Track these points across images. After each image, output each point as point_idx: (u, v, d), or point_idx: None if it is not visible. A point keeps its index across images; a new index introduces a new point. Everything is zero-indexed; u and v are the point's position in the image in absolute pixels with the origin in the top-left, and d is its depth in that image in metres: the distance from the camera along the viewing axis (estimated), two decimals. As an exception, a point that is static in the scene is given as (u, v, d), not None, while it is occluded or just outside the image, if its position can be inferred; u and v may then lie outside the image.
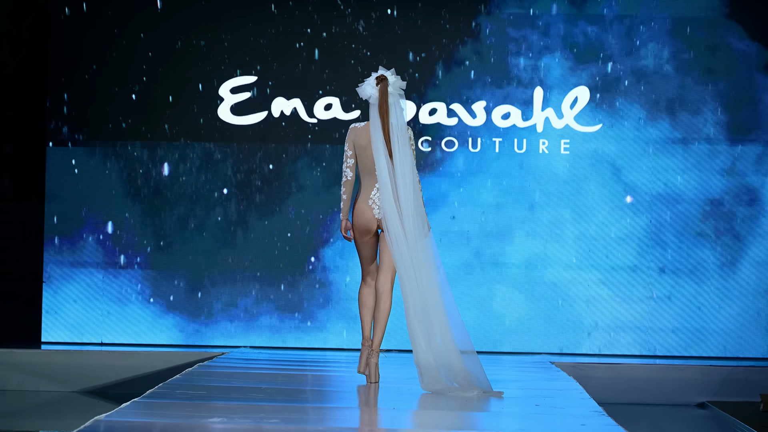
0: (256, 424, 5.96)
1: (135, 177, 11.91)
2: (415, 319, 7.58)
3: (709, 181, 11.82)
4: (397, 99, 7.80)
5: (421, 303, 7.60)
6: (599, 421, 6.39)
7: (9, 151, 12.37)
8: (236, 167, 11.92)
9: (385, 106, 7.77)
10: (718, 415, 9.71)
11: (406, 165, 7.72)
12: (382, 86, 7.83)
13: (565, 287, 11.81)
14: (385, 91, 7.81)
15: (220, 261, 11.87)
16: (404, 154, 7.73)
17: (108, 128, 11.91)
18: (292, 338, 11.85)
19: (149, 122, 11.93)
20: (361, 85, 7.90)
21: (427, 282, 7.64)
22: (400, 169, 7.71)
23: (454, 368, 7.55)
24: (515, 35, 11.88)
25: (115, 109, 11.92)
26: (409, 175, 7.71)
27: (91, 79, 11.93)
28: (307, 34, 11.92)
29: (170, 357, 10.78)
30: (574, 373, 9.63)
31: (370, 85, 7.85)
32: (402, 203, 7.68)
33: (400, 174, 7.71)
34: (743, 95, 11.81)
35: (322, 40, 11.91)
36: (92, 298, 11.85)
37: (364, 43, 11.90)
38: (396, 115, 7.76)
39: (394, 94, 7.82)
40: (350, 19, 11.91)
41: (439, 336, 7.56)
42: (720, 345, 11.74)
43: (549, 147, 11.87)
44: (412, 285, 7.62)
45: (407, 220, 7.67)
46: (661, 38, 11.84)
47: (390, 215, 7.68)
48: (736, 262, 11.77)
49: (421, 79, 11.88)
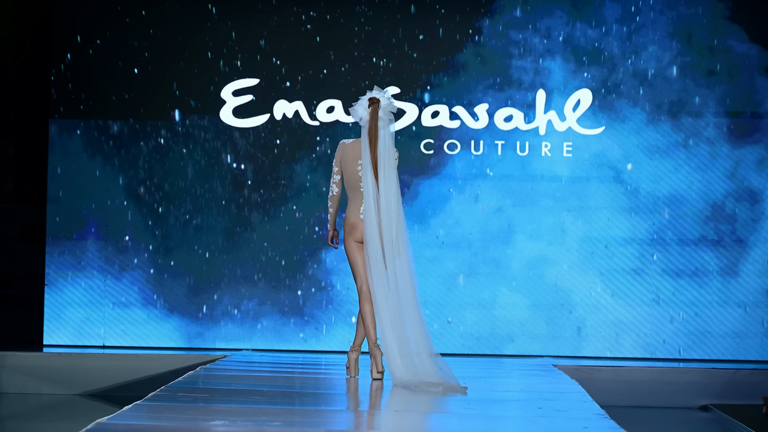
0: (257, 427, 5.96)
1: (137, 180, 11.91)
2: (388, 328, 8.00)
3: (711, 184, 11.82)
4: (386, 123, 8.13)
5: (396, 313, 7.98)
6: (602, 424, 6.38)
7: (11, 154, 12.37)
8: (238, 170, 11.91)
9: (375, 130, 8.12)
10: (721, 418, 9.70)
11: (391, 188, 8.09)
12: (373, 109, 8.15)
13: (567, 290, 11.80)
14: (376, 114, 8.14)
15: (222, 264, 11.86)
16: (389, 177, 8.09)
17: (109, 132, 11.91)
18: (294, 341, 11.84)
19: (151, 125, 11.93)
20: (354, 105, 8.23)
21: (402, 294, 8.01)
22: (384, 193, 8.09)
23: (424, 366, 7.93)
24: (517, 38, 11.88)
25: (117, 108, 11.92)
26: (393, 197, 8.09)
27: (92, 81, 11.93)
28: (309, 37, 11.92)
29: (172, 360, 10.78)
30: (576, 376, 9.62)
31: (363, 107, 8.20)
32: (384, 225, 8.08)
33: (384, 197, 8.09)
34: (745, 98, 11.80)
35: (324, 44, 11.91)
36: (94, 301, 11.85)
37: (367, 46, 11.90)
38: (384, 138, 8.10)
39: (384, 119, 8.14)
40: (353, 23, 11.90)
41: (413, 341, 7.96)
42: (723, 348, 11.73)
43: (551, 150, 11.87)
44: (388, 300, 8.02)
45: (387, 240, 8.05)
46: (663, 41, 11.84)
47: (371, 234, 8.09)
48: (739, 264, 11.76)
49: (423, 81, 11.88)
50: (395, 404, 7.39)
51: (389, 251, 8.07)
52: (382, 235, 8.06)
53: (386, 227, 8.07)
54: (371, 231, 8.08)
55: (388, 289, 8.05)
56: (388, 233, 8.07)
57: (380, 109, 8.15)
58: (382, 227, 8.07)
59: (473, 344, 11.81)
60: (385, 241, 8.07)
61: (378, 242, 8.06)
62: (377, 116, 8.14)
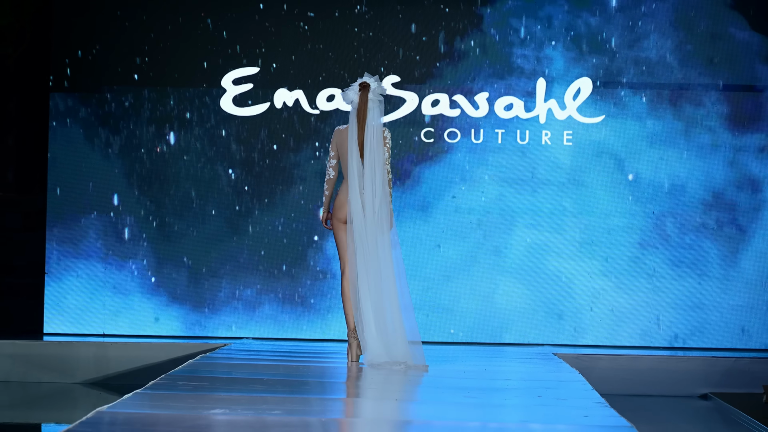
0: (258, 416, 5.96)
1: (137, 169, 11.90)
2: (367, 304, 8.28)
3: (711, 172, 11.81)
4: (376, 104, 8.51)
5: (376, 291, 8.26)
6: (602, 413, 6.39)
7: (11, 143, 12.36)
8: (239, 158, 11.91)
9: (364, 111, 8.50)
10: (721, 407, 9.71)
11: (377, 165, 8.41)
12: (363, 93, 8.54)
13: (567, 278, 11.80)
14: (366, 97, 8.52)
15: (223, 252, 11.86)
16: (376, 155, 8.41)
17: (109, 120, 11.90)
18: (294, 329, 11.85)
19: (151, 113, 11.92)
20: (345, 90, 8.62)
21: (384, 273, 8.30)
22: (369, 170, 8.39)
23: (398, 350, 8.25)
24: (518, 26, 11.86)
25: (117, 98, 11.91)
26: (379, 175, 8.39)
27: (92, 71, 11.92)
28: (309, 25, 11.90)
29: (172, 348, 10.78)
30: (576, 365, 9.62)
31: (353, 91, 8.58)
32: (366, 201, 8.36)
33: (368, 174, 8.38)
34: (746, 86, 11.79)
35: (324, 32, 11.89)
36: (94, 289, 11.85)
37: (367, 35, 11.88)
38: (373, 118, 8.48)
39: (374, 100, 8.51)
40: (353, 12, 11.89)
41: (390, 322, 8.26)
42: (723, 336, 11.73)
43: (551, 138, 11.86)
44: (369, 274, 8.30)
45: (369, 217, 8.35)
46: (664, 29, 11.82)
47: (355, 210, 8.38)
48: (739, 253, 11.75)
49: (423, 70, 11.86)
50: (395, 393, 7.40)
51: (371, 232, 8.34)
52: (365, 213, 8.34)
53: (369, 207, 8.34)
54: (355, 210, 8.35)
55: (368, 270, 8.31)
56: (371, 213, 8.34)
57: (370, 92, 8.51)
58: (365, 206, 8.35)
59: (473, 332, 11.81)
60: (368, 220, 8.35)
61: (361, 221, 8.34)
62: (367, 99, 8.51)
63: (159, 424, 5.66)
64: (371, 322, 8.29)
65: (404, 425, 5.98)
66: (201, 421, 5.81)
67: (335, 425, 5.87)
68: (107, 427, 5.51)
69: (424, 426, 5.95)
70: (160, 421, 5.75)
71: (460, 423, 6.01)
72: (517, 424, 6.04)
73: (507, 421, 6.18)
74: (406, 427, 5.92)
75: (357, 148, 8.46)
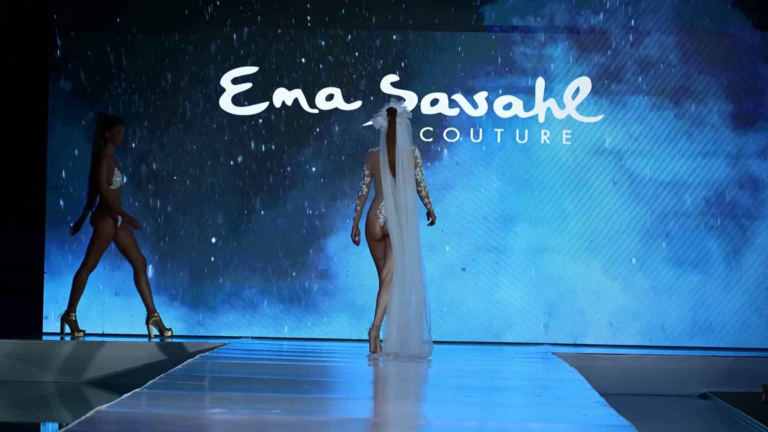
0: (257, 415, 5.96)
1: (137, 169, 11.90)
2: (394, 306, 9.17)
3: (713, 171, 11.80)
4: (403, 127, 9.38)
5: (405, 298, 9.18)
6: (601, 412, 6.38)
7: (10, 142, 12.35)
8: (238, 159, 11.90)
9: (393, 134, 9.35)
10: (720, 406, 9.71)
11: (408, 182, 9.33)
12: (392, 118, 9.38)
13: (567, 277, 11.80)
14: (393, 122, 9.36)
15: (223, 251, 11.86)
16: (407, 173, 9.34)
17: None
18: (294, 329, 11.84)
19: (152, 113, 11.92)
20: (374, 116, 9.46)
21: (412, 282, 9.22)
22: (401, 187, 9.33)
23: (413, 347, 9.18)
24: (518, 24, 11.86)
25: (116, 96, 11.91)
26: (410, 191, 9.34)
27: (91, 70, 11.92)
28: (308, 24, 11.90)
29: (172, 348, 10.78)
30: (575, 364, 9.62)
31: (382, 116, 9.41)
32: (401, 215, 9.29)
33: (401, 190, 9.32)
34: (747, 84, 11.78)
35: (323, 32, 11.89)
36: (94, 289, 11.84)
37: (366, 34, 11.88)
38: (402, 139, 9.35)
39: (401, 123, 9.37)
40: (351, 10, 11.88)
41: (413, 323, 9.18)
42: (723, 335, 11.73)
43: (550, 137, 11.86)
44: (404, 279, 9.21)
45: (403, 228, 9.29)
46: (665, 27, 11.82)
47: (392, 223, 9.29)
48: (740, 252, 11.75)
49: (422, 69, 11.86)
50: (395, 392, 7.39)
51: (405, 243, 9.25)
52: (400, 220, 9.29)
53: (403, 219, 9.28)
54: (392, 223, 9.28)
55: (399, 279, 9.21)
56: (405, 225, 9.27)
57: (397, 116, 9.35)
58: (400, 219, 9.28)
59: (472, 332, 11.81)
60: (402, 232, 9.27)
61: (398, 233, 9.27)
62: (395, 122, 9.35)
63: (158, 423, 5.66)
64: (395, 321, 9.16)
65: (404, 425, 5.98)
66: (200, 420, 5.80)
67: (335, 425, 5.87)
68: (106, 426, 5.51)
69: (423, 425, 5.95)
70: (159, 421, 5.75)
71: (459, 422, 6.00)
72: (516, 423, 6.04)
73: (506, 420, 6.18)
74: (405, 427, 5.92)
75: (389, 168, 9.34)
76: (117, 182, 10.89)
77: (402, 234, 9.27)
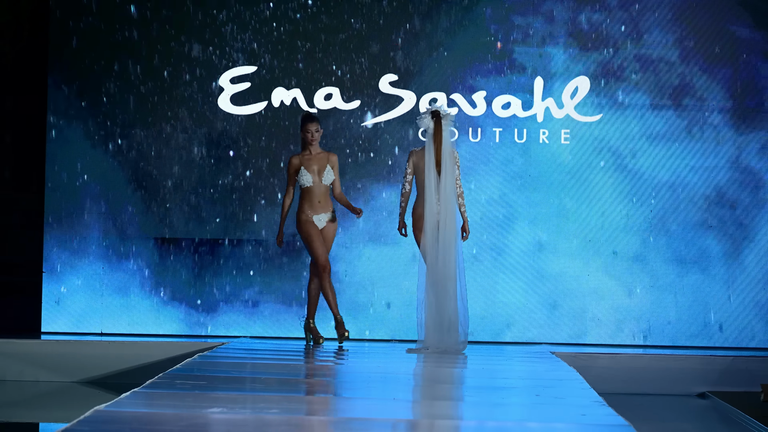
0: (255, 414, 5.96)
1: (136, 167, 11.90)
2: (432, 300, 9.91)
3: (713, 170, 11.80)
4: (448, 129, 10.18)
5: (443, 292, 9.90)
6: (599, 411, 6.39)
7: (9, 141, 12.35)
8: (237, 157, 11.90)
9: (439, 135, 10.12)
10: (719, 405, 9.71)
11: (449, 180, 10.06)
12: (437, 120, 10.16)
13: (566, 277, 11.80)
14: (439, 123, 10.14)
15: (222, 251, 11.86)
16: (449, 172, 10.08)
17: (107, 118, 11.90)
18: (293, 328, 11.84)
19: (150, 111, 11.92)
20: (420, 118, 10.22)
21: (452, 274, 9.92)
22: (444, 183, 10.06)
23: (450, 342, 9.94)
24: (518, 23, 11.86)
25: (115, 95, 11.91)
26: (450, 188, 10.07)
27: (90, 69, 11.92)
28: (307, 23, 11.90)
29: (170, 347, 10.78)
30: (574, 363, 9.63)
31: (428, 118, 10.18)
32: (442, 209, 10.02)
33: (443, 187, 10.06)
34: (748, 83, 11.78)
35: (322, 30, 11.89)
36: (93, 288, 11.84)
37: (365, 32, 11.88)
38: (446, 141, 10.14)
39: (446, 125, 10.16)
40: (350, 8, 11.88)
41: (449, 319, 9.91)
42: (721, 335, 11.73)
43: (549, 137, 11.86)
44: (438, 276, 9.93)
45: (443, 223, 10.03)
46: (666, 25, 11.82)
47: (429, 219, 10.03)
48: (740, 251, 11.76)
49: (421, 68, 11.86)
50: (393, 392, 7.40)
51: (445, 237, 9.94)
52: (439, 220, 9.99)
53: (443, 215, 9.99)
54: (430, 218, 9.98)
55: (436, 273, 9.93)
56: (444, 220, 9.99)
57: (442, 118, 10.13)
58: (440, 214, 10.00)
59: (473, 330, 11.81)
60: (441, 226, 9.98)
61: (435, 228, 9.97)
62: (440, 124, 10.13)
63: (157, 422, 5.66)
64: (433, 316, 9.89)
65: (403, 424, 5.99)
66: (199, 419, 5.80)
67: (334, 424, 5.87)
68: (105, 425, 5.51)
69: (423, 425, 5.95)
70: (157, 420, 5.75)
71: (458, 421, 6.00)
72: (515, 422, 6.04)
73: (505, 419, 6.18)
74: (405, 426, 5.93)
75: (434, 166, 10.08)
76: (306, 181, 10.35)
77: (439, 228, 9.96)
